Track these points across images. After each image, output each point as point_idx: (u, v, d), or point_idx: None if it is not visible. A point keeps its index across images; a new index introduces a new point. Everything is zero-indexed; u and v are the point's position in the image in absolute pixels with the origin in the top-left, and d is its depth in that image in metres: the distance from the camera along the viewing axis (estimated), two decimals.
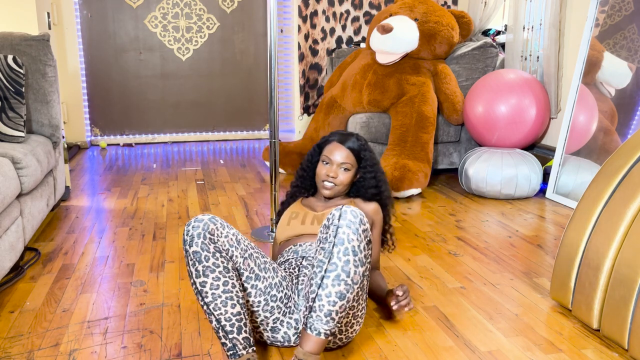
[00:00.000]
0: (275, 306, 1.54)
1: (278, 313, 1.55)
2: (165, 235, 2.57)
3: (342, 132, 1.88)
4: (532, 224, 2.76)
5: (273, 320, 1.55)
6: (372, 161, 1.86)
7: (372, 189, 1.86)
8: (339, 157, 1.81)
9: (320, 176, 1.83)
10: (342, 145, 1.82)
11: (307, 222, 1.81)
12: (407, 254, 2.33)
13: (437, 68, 3.56)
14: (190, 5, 4.91)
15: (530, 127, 3.28)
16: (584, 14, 3.24)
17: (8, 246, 1.95)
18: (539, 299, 1.92)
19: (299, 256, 1.72)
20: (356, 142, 1.83)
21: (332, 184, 1.81)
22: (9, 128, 2.39)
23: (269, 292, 1.54)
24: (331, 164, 1.81)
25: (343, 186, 1.83)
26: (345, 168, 1.81)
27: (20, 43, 2.59)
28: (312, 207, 1.88)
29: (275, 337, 1.58)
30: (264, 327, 1.57)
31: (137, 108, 5.01)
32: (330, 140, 1.85)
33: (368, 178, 1.85)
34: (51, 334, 1.67)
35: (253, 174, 3.84)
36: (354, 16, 4.59)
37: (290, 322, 1.57)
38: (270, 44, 2.31)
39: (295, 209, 1.89)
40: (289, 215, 1.87)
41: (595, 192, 1.74)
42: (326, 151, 1.84)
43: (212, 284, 1.43)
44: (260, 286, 1.53)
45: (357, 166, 1.84)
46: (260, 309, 1.53)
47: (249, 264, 1.52)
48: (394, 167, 3.14)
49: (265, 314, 1.54)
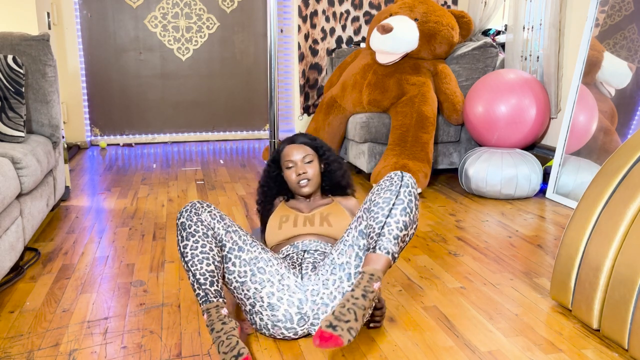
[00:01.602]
0: (264, 279, 1.58)
1: (270, 287, 1.57)
2: (165, 235, 2.57)
3: (288, 137, 1.96)
4: (532, 224, 2.76)
5: (267, 294, 1.57)
6: (327, 147, 1.96)
7: (341, 178, 1.96)
8: (298, 155, 1.89)
9: (292, 181, 1.90)
10: (295, 144, 1.91)
11: (299, 224, 1.86)
12: (407, 254, 2.33)
13: (437, 68, 3.56)
14: (190, 5, 4.91)
15: (530, 127, 3.28)
16: (584, 14, 3.24)
17: (8, 246, 1.95)
18: (539, 299, 1.92)
19: (300, 250, 1.76)
20: (305, 137, 1.93)
21: (306, 180, 1.88)
22: (8, 128, 2.39)
23: (255, 263, 1.60)
24: (295, 164, 1.89)
25: (316, 177, 1.91)
26: (308, 160, 1.90)
27: (20, 43, 2.59)
28: (299, 209, 1.94)
29: (276, 315, 1.56)
30: (260, 304, 1.57)
31: (137, 108, 5.01)
32: (282, 149, 1.94)
33: (332, 162, 1.95)
34: (51, 334, 1.67)
35: (253, 174, 3.84)
36: (354, 16, 4.59)
37: (292, 301, 1.57)
38: (270, 44, 2.32)
39: (284, 212, 1.92)
40: (278, 220, 1.89)
41: (595, 192, 1.74)
42: (284, 158, 1.92)
43: (192, 246, 1.56)
44: (245, 257, 1.61)
45: (317, 155, 1.93)
46: (247, 279, 1.59)
47: (232, 237, 1.62)
48: (394, 167, 3.14)
49: (255, 286, 1.58)
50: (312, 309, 1.58)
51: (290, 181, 1.90)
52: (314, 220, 1.85)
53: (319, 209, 1.91)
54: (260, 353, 1.57)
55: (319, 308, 1.58)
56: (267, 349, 1.59)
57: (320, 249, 1.76)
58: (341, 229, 1.85)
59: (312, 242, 1.78)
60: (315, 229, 1.83)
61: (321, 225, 1.84)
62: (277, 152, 1.97)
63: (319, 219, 1.85)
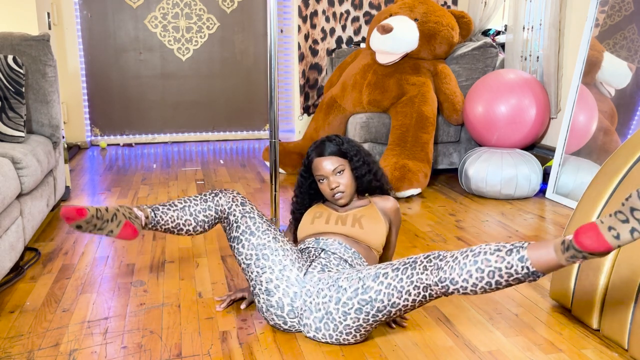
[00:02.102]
0: (266, 265, 1.65)
1: (270, 274, 1.64)
2: (165, 235, 2.57)
3: (315, 144, 1.90)
4: (532, 224, 2.76)
5: (266, 280, 1.64)
6: (354, 150, 1.89)
7: (368, 176, 1.90)
8: (329, 167, 1.84)
9: (327, 194, 1.87)
10: (323, 156, 1.85)
11: (331, 222, 1.84)
12: (407, 254, 2.33)
13: (437, 68, 3.56)
14: (190, 6, 4.91)
15: (530, 127, 3.28)
16: (584, 14, 3.24)
17: (8, 246, 1.95)
18: (539, 299, 1.92)
19: (319, 247, 1.76)
20: (332, 145, 1.86)
21: (341, 193, 1.85)
22: (9, 128, 2.39)
23: (262, 249, 1.67)
24: (327, 178, 1.84)
25: (349, 187, 1.86)
26: (340, 171, 1.85)
27: (20, 43, 2.59)
28: (334, 208, 1.92)
29: (269, 300, 1.63)
30: (259, 288, 1.66)
31: (137, 108, 5.01)
32: (311, 160, 1.88)
33: (359, 167, 1.88)
34: (51, 334, 1.67)
35: (253, 174, 3.84)
36: (354, 16, 4.59)
37: (287, 292, 1.62)
38: (270, 44, 2.31)
39: (319, 209, 1.92)
40: (312, 215, 1.90)
41: (595, 192, 1.74)
42: (315, 171, 1.87)
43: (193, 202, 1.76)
44: (254, 241, 1.69)
45: (347, 162, 1.87)
46: (252, 262, 1.68)
47: (247, 221, 1.72)
48: (394, 167, 3.14)
49: (257, 270, 1.66)
50: (302, 307, 1.60)
51: (326, 194, 1.87)
52: (347, 220, 1.83)
53: (354, 210, 1.88)
54: (260, 353, 1.57)
55: (306, 310, 1.60)
56: (267, 349, 1.59)
57: (339, 253, 1.73)
58: (372, 233, 1.81)
59: (334, 242, 1.76)
60: (346, 229, 1.81)
61: (352, 227, 1.81)
62: (307, 162, 1.90)
63: (352, 220, 1.83)
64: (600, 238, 1.23)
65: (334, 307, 1.54)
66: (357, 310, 1.50)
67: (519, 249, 1.34)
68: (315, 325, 1.59)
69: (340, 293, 1.53)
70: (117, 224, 1.60)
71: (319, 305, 1.57)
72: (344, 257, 1.73)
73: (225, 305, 1.84)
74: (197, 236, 2.56)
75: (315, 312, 1.57)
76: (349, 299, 1.51)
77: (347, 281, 1.54)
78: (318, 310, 1.57)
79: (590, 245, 1.24)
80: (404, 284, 1.45)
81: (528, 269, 1.33)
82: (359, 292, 1.50)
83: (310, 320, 1.59)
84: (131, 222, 1.63)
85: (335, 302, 1.54)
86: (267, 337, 1.65)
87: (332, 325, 1.55)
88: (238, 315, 1.79)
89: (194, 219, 1.75)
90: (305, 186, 1.94)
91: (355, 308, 1.50)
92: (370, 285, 1.49)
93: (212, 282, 2.05)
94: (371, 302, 1.48)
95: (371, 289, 1.48)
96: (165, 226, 1.73)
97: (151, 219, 1.69)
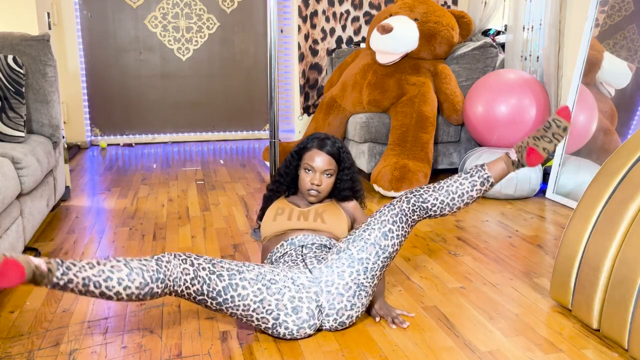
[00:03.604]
0: (280, 287, 1.56)
1: (289, 292, 1.57)
2: (165, 235, 2.57)
3: (319, 136, 1.91)
4: (532, 224, 2.76)
5: (289, 300, 1.56)
6: (349, 162, 1.93)
7: (347, 191, 1.94)
8: (321, 164, 1.86)
9: (305, 184, 1.88)
10: (322, 151, 1.87)
11: (293, 217, 1.86)
12: (407, 254, 2.33)
13: (437, 68, 3.56)
14: (190, 5, 4.91)
15: (530, 127, 3.28)
16: (584, 14, 3.24)
17: (8, 246, 1.95)
18: (539, 299, 1.92)
19: (298, 246, 1.77)
20: (334, 146, 1.88)
21: (316, 192, 1.88)
22: (9, 128, 2.39)
23: (264, 277, 1.56)
24: (314, 172, 1.86)
25: (326, 191, 1.90)
26: (329, 174, 1.88)
27: (20, 43, 2.59)
28: (296, 204, 1.94)
29: (300, 317, 1.57)
30: (285, 313, 1.56)
31: (137, 108, 5.01)
32: (309, 147, 1.89)
33: (345, 180, 1.92)
34: (51, 334, 1.67)
35: (253, 174, 3.84)
36: (354, 16, 4.59)
37: (310, 296, 1.60)
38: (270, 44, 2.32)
39: (280, 204, 1.93)
40: (274, 212, 1.91)
41: (595, 192, 1.74)
42: (307, 158, 1.88)
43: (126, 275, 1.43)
44: (250, 276, 1.54)
45: (337, 170, 1.90)
46: (265, 295, 1.53)
47: (223, 265, 1.54)
48: (394, 167, 3.14)
49: (276, 297, 1.55)
50: (327, 299, 1.61)
51: (302, 183, 1.88)
52: (309, 215, 1.87)
53: (315, 205, 1.92)
54: (260, 353, 1.57)
55: (335, 298, 1.61)
56: (267, 349, 1.59)
57: (317, 241, 1.78)
58: (335, 226, 1.86)
59: (307, 236, 1.80)
60: (308, 224, 1.85)
61: (315, 221, 1.85)
62: (303, 147, 1.91)
63: (314, 215, 1.87)
64: (540, 157, 1.80)
65: (363, 278, 1.63)
66: (381, 268, 1.67)
67: (480, 170, 1.81)
68: (348, 305, 1.61)
69: (363, 264, 1.63)
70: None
71: (349, 284, 1.61)
72: (323, 243, 1.78)
73: None
74: (197, 236, 2.56)
75: (347, 291, 1.61)
76: (374, 263, 1.64)
77: (364, 251, 1.64)
78: (349, 288, 1.61)
79: (535, 162, 1.80)
80: (405, 229, 1.72)
81: (488, 180, 1.80)
82: (379, 254, 1.65)
83: (340, 305, 1.61)
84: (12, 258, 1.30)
85: (364, 272, 1.63)
86: (267, 337, 1.65)
87: (364, 293, 1.64)
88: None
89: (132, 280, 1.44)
90: (292, 167, 1.94)
91: (380, 267, 1.66)
92: (385, 244, 1.66)
93: None
94: (390, 256, 1.68)
95: (388, 246, 1.66)
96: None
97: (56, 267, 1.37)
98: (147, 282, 1.43)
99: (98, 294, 1.41)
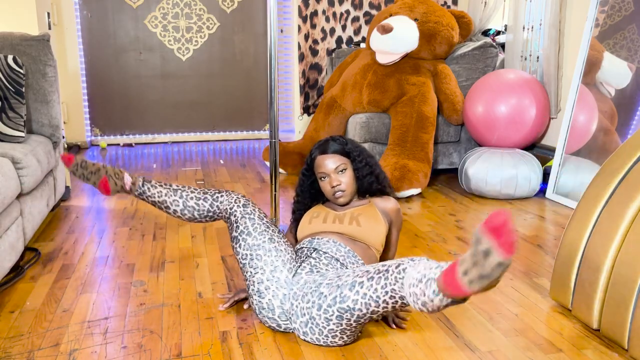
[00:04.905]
0: (259, 266, 1.67)
1: (261, 274, 1.65)
2: (165, 235, 2.57)
3: (319, 142, 1.91)
4: (532, 224, 2.76)
5: (258, 281, 1.66)
6: (358, 151, 1.90)
7: (369, 177, 1.90)
8: (331, 165, 1.84)
9: (328, 192, 1.87)
10: (326, 154, 1.86)
11: (328, 220, 1.85)
12: (407, 254, 2.33)
13: (437, 68, 3.56)
14: (190, 5, 4.91)
15: (530, 127, 3.28)
16: (584, 14, 3.24)
17: (8, 246, 1.95)
18: (539, 299, 1.92)
19: (312, 246, 1.76)
20: (335, 144, 1.87)
21: (341, 192, 1.85)
22: (9, 128, 2.39)
23: (255, 250, 1.70)
24: (329, 176, 1.85)
25: (350, 187, 1.87)
26: (342, 170, 1.85)
27: (20, 43, 2.59)
28: (333, 208, 1.92)
29: (261, 302, 1.64)
30: (252, 289, 1.68)
31: (137, 108, 5.01)
32: (314, 157, 1.89)
33: (361, 168, 1.89)
34: (51, 334, 1.67)
35: (253, 174, 3.84)
36: (354, 16, 4.59)
37: (277, 294, 1.63)
38: (270, 44, 2.31)
39: (317, 209, 1.93)
40: (310, 215, 1.91)
41: (595, 192, 1.74)
42: (317, 169, 1.88)
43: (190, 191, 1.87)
44: (250, 242, 1.71)
45: (350, 162, 1.88)
46: (247, 262, 1.70)
47: (246, 222, 1.75)
48: (394, 167, 3.14)
49: (250, 270, 1.69)
50: (290, 310, 1.60)
51: (326, 192, 1.87)
52: (344, 218, 1.83)
53: (352, 208, 1.88)
54: (261, 353, 1.57)
55: (293, 314, 1.60)
56: (267, 349, 1.59)
57: (331, 252, 1.73)
58: (370, 231, 1.81)
59: (329, 241, 1.76)
60: (343, 227, 1.80)
61: (350, 224, 1.81)
62: (310, 160, 1.91)
63: (349, 218, 1.83)
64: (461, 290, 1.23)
65: (316, 313, 1.53)
66: (337, 317, 1.49)
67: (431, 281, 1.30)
68: (302, 330, 1.59)
69: (321, 300, 1.51)
70: (98, 178, 1.85)
71: (304, 309, 1.56)
72: (336, 256, 1.72)
73: (228, 306, 1.83)
74: (197, 236, 2.56)
75: (301, 316, 1.57)
76: (329, 306, 1.49)
77: (328, 288, 1.51)
78: (303, 314, 1.56)
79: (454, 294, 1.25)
80: (379, 294, 1.41)
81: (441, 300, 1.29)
82: (337, 300, 1.47)
83: (297, 324, 1.59)
84: (108, 181, 1.84)
85: (317, 308, 1.52)
86: (267, 337, 1.65)
87: (317, 329, 1.55)
88: (238, 315, 1.79)
89: (183, 202, 1.84)
90: (307, 185, 1.94)
91: (335, 315, 1.49)
92: (347, 294, 1.46)
93: (212, 282, 2.05)
94: (350, 311, 1.46)
95: (348, 298, 1.45)
96: (152, 198, 1.86)
97: (138, 186, 1.85)
98: (194, 217, 1.88)
99: (163, 209, 1.88)
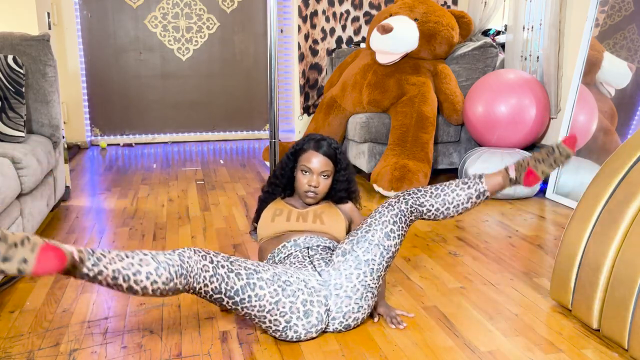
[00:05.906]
0: (295, 289, 1.56)
1: (302, 295, 1.57)
2: (165, 235, 2.57)
3: (315, 137, 1.90)
4: (532, 224, 2.76)
5: (302, 303, 1.56)
6: (345, 163, 1.92)
7: (343, 192, 1.93)
8: (318, 166, 1.84)
9: (302, 186, 1.86)
10: (319, 153, 1.85)
11: (292, 219, 1.86)
12: (407, 254, 2.33)
13: (437, 68, 3.56)
14: (190, 5, 4.91)
15: (530, 127, 3.28)
16: (584, 14, 3.24)
17: None
18: (539, 299, 1.92)
19: (303, 247, 1.76)
20: (330, 147, 1.87)
21: (314, 194, 1.87)
22: (9, 128, 2.39)
23: (279, 279, 1.55)
24: (311, 173, 1.85)
25: (323, 193, 1.89)
26: (325, 175, 1.86)
27: (20, 43, 2.59)
28: (294, 205, 1.93)
29: (310, 321, 1.58)
30: (297, 316, 1.56)
31: (137, 108, 5.01)
32: (305, 149, 1.87)
33: (341, 181, 1.92)
34: (51, 334, 1.67)
35: (253, 174, 3.84)
36: (354, 16, 4.59)
37: (320, 300, 1.60)
38: (270, 44, 2.32)
39: (278, 206, 1.92)
40: (272, 212, 1.90)
41: (595, 192, 1.74)
42: (303, 160, 1.86)
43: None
44: (266, 277, 1.53)
45: (334, 171, 1.89)
46: (280, 296, 1.53)
47: (240, 264, 1.53)
48: (394, 167, 3.14)
49: (290, 299, 1.54)
50: (335, 302, 1.62)
51: (300, 185, 1.87)
52: (307, 216, 1.87)
53: (313, 207, 1.91)
54: (260, 353, 1.57)
55: (342, 301, 1.62)
56: (267, 349, 1.59)
57: (322, 243, 1.79)
58: (333, 227, 1.86)
59: (311, 238, 1.79)
60: (308, 225, 1.85)
61: (314, 222, 1.85)
62: (299, 148, 1.89)
63: (312, 216, 1.87)
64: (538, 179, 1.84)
65: (370, 279, 1.64)
66: (385, 268, 1.69)
67: (478, 183, 1.83)
68: (351, 308, 1.62)
69: (370, 265, 1.64)
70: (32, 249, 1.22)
71: (356, 286, 1.62)
72: (327, 245, 1.79)
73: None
74: (198, 236, 2.56)
75: (354, 293, 1.62)
76: (379, 264, 1.66)
77: (369, 252, 1.65)
78: (356, 291, 1.63)
79: (532, 183, 1.85)
80: (404, 229, 1.73)
81: (484, 194, 1.84)
82: (384, 254, 1.67)
83: (348, 308, 1.62)
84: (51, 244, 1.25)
85: (370, 273, 1.64)
86: (267, 337, 1.65)
87: (370, 294, 1.65)
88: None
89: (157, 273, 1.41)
90: (288, 168, 1.92)
91: (384, 267, 1.68)
92: (389, 244, 1.68)
93: None
94: (393, 255, 1.71)
95: (391, 247, 1.68)
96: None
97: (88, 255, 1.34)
98: (172, 277, 1.40)
99: (125, 288, 1.37)
